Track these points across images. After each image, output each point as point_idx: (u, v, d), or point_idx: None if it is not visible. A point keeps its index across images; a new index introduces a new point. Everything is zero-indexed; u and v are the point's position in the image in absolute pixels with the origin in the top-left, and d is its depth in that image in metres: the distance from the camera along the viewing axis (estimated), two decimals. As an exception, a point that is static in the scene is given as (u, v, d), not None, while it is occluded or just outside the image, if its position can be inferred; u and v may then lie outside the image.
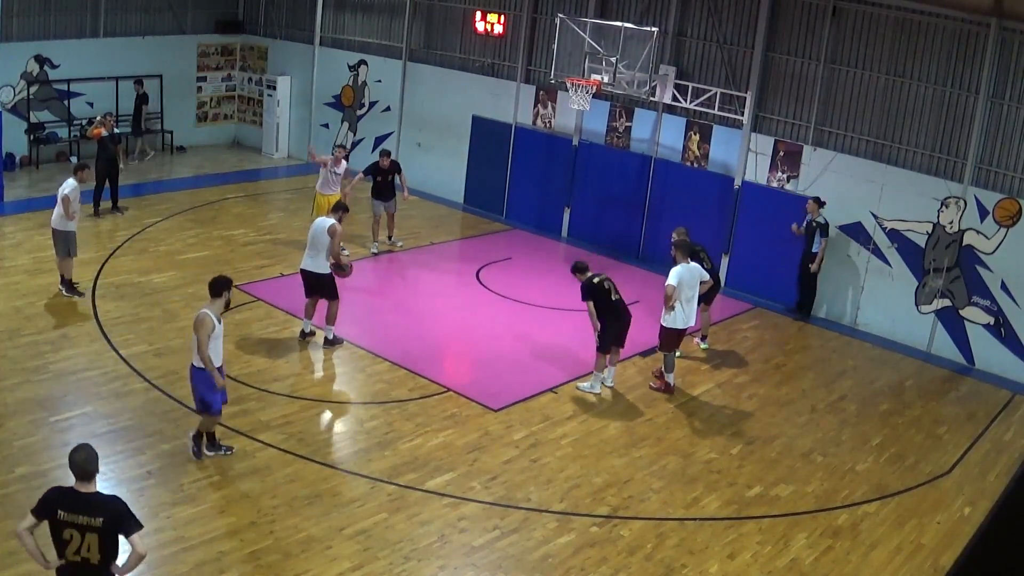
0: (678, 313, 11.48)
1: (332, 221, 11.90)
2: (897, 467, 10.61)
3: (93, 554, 5.80)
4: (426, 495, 9.10)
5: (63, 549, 5.82)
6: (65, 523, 5.75)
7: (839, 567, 8.64)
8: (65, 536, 5.78)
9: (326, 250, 11.83)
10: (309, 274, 12.03)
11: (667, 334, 11.64)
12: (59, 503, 5.80)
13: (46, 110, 19.55)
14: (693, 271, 11.60)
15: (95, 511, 5.76)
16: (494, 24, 18.41)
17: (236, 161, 21.76)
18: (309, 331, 12.29)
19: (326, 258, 11.87)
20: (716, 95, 15.47)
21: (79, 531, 5.75)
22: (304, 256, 12.07)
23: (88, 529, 5.74)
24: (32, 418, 9.63)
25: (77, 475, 5.84)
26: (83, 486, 5.83)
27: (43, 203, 16.63)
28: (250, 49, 22.84)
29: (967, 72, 13.54)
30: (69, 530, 5.76)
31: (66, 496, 5.82)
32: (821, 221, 14.37)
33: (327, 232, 11.78)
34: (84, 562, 5.82)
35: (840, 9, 14.51)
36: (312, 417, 10.48)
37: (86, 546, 5.77)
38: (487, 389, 11.45)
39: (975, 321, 13.75)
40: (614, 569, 8.29)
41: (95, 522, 5.73)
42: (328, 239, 11.77)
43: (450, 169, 19.42)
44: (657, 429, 10.93)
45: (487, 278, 15.33)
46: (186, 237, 15.78)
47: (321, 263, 11.90)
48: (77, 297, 12.78)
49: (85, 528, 5.74)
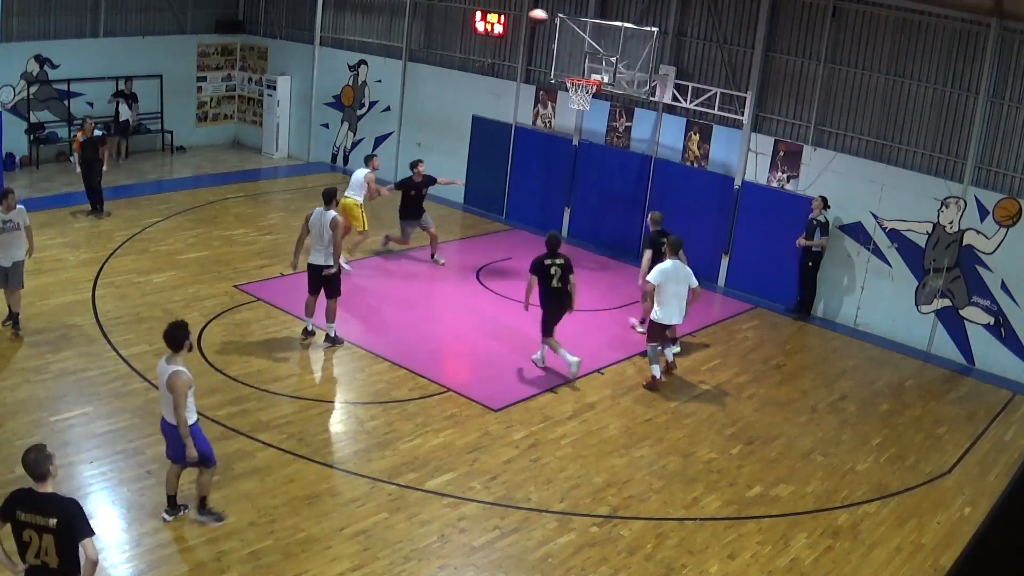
0: (669, 309, 11.62)
1: (334, 213, 11.81)
2: (897, 467, 10.61)
3: (51, 558, 5.79)
4: (426, 495, 9.10)
5: (24, 552, 5.84)
6: (24, 524, 5.79)
7: (839, 567, 8.64)
8: (25, 538, 5.81)
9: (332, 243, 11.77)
10: (317, 268, 11.93)
11: (652, 327, 11.91)
12: (19, 503, 5.84)
13: (46, 110, 19.54)
14: (679, 268, 11.70)
15: (49, 511, 5.78)
16: (494, 24, 18.41)
17: (236, 161, 21.75)
18: (311, 330, 12.24)
19: (330, 251, 11.80)
20: (716, 95, 15.47)
21: (36, 532, 5.77)
22: (312, 251, 11.97)
23: (44, 530, 5.76)
24: (32, 418, 9.63)
25: (31, 475, 5.88)
26: (40, 486, 5.86)
27: (43, 203, 16.68)
28: (250, 49, 22.84)
29: (967, 72, 13.54)
30: (28, 531, 5.79)
31: (25, 496, 5.86)
32: (822, 220, 14.38)
33: (330, 226, 11.70)
34: (44, 566, 5.83)
35: (840, 9, 14.51)
36: (312, 417, 10.48)
37: (44, 549, 5.78)
38: (487, 389, 11.45)
39: (975, 321, 13.75)
40: (614, 569, 8.29)
41: (49, 523, 5.75)
42: (332, 232, 11.71)
43: (450, 169, 19.35)
44: (657, 429, 10.93)
45: (487, 278, 15.34)
46: (186, 237, 15.78)
47: (325, 257, 11.86)
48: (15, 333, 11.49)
49: (41, 529, 5.76)
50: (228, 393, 10.63)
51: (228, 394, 10.60)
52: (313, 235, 11.90)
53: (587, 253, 17.03)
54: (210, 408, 10.16)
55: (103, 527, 8.08)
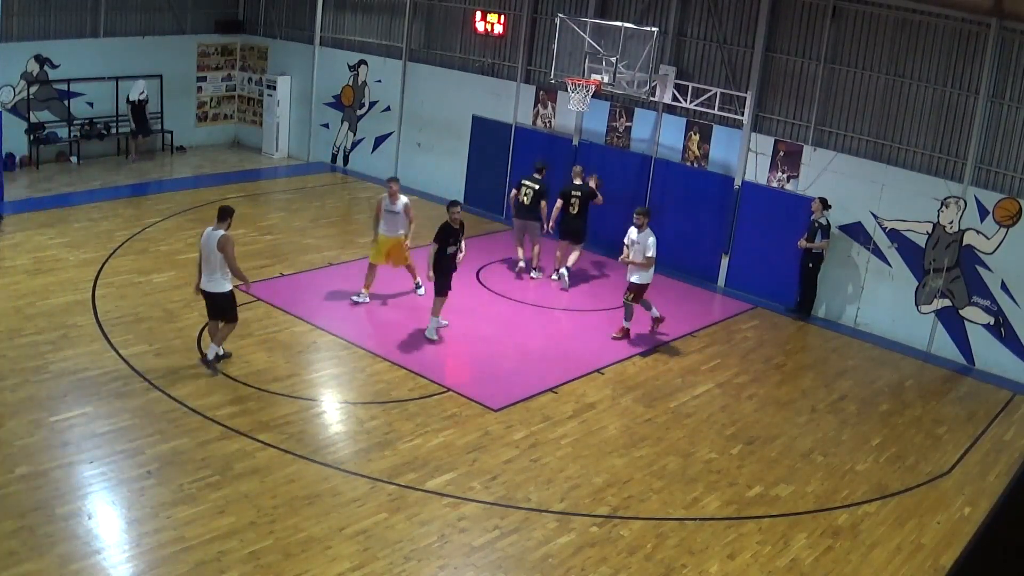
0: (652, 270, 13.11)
1: (222, 232, 10.69)
2: (897, 467, 10.61)
3: None
4: (426, 495, 9.10)
5: None
6: None
7: (839, 567, 8.64)
8: None
9: (222, 266, 10.70)
10: (207, 294, 10.93)
11: (641, 289, 13.23)
12: None
13: (46, 110, 19.53)
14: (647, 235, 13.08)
15: None
16: (494, 24, 18.41)
17: (236, 161, 21.76)
18: (223, 354, 11.21)
19: (223, 275, 10.75)
20: (716, 95, 15.47)
21: None
22: (203, 274, 10.87)
23: None
24: (32, 418, 9.63)
25: None
26: None
27: (43, 203, 16.69)
28: (250, 49, 22.84)
29: (967, 72, 13.54)
30: None
31: None
32: (823, 222, 14.37)
33: (217, 246, 10.60)
34: None
35: (840, 9, 14.51)
36: (312, 417, 10.48)
37: None
38: (487, 389, 11.45)
39: (975, 321, 13.75)
40: (614, 569, 8.29)
41: None
42: (221, 254, 10.62)
43: (450, 169, 19.41)
44: (657, 429, 10.93)
45: (487, 278, 15.33)
46: (186, 237, 15.77)
47: (218, 281, 10.77)
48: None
49: None
50: (228, 393, 10.63)
51: (228, 394, 10.60)
52: (202, 257, 10.83)
53: (587, 253, 17.03)
54: (210, 408, 10.18)
55: (103, 527, 8.10)
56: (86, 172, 19.33)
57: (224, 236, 10.69)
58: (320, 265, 15.13)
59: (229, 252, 10.69)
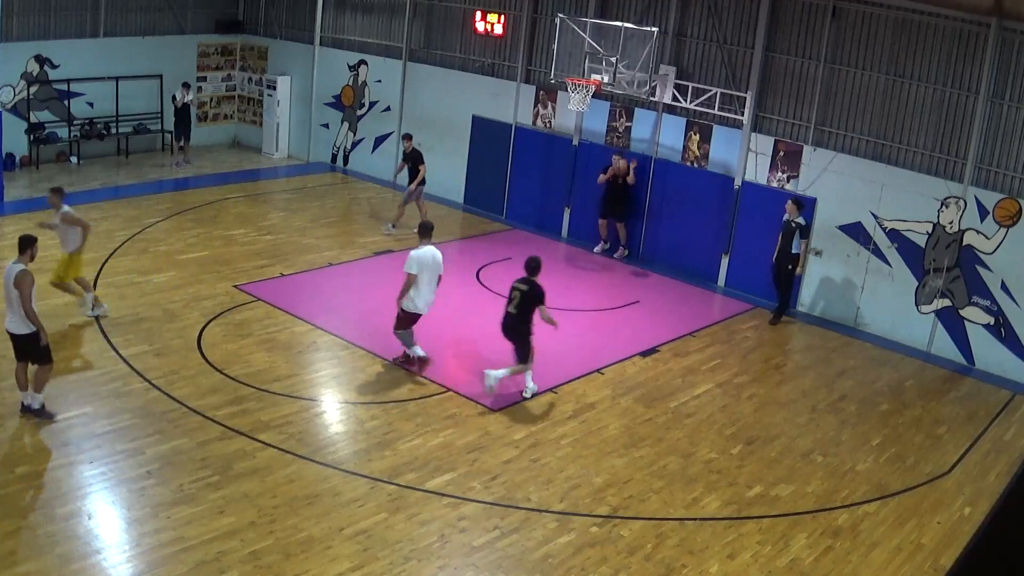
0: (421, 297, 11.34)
1: (21, 266, 9.34)
2: (897, 467, 10.61)
3: None
4: (426, 495, 9.10)
5: None
6: None
7: (839, 567, 8.64)
8: None
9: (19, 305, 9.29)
10: (10, 335, 9.56)
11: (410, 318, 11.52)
12: None
13: (46, 110, 19.55)
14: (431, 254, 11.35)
15: None
16: (494, 24, 18.41)
17: (236, 161, 21.76)
18: (31, 405, 9.62)
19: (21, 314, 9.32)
20: (716, 95, 15.47)
21: None
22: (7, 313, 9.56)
23: None
24: (32, 418, 9.63)
25: None
26: None
27: (43, 203, 16.63)
28: (250, 49, 22.85)
29: (967, 72, 13.54)
30: None
31: None
32: (800, 222, 14.26)
33: (14, 283, 9.22)
34: None
35: (840, 9, 14.51)
36: (312, 417, 10.48)
37: None
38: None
39: (975, 321, 13.74)
40: (614, 569, 8.29)
41: None
42: (17, 291, 9.21)
43: (450, 169, 19.41)
44: (657, 429, 10.93)
45: (487, 278, 15.34)
46: (186, 237, 15.78)
47: (19, 321, 9.38)
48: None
49: None
50: (228, 393, 10.63)
51: (228, 394, 10.60)
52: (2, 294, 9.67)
53: (587, 253, 17.05)
54: (210, 408, 10.18)
55: (103, 527, 8.10)
56: (86, 172, 19.35)
57: (22, 272, 9.26)
58: (320, 265, 15.13)
59: (25, 292, 9.21)
